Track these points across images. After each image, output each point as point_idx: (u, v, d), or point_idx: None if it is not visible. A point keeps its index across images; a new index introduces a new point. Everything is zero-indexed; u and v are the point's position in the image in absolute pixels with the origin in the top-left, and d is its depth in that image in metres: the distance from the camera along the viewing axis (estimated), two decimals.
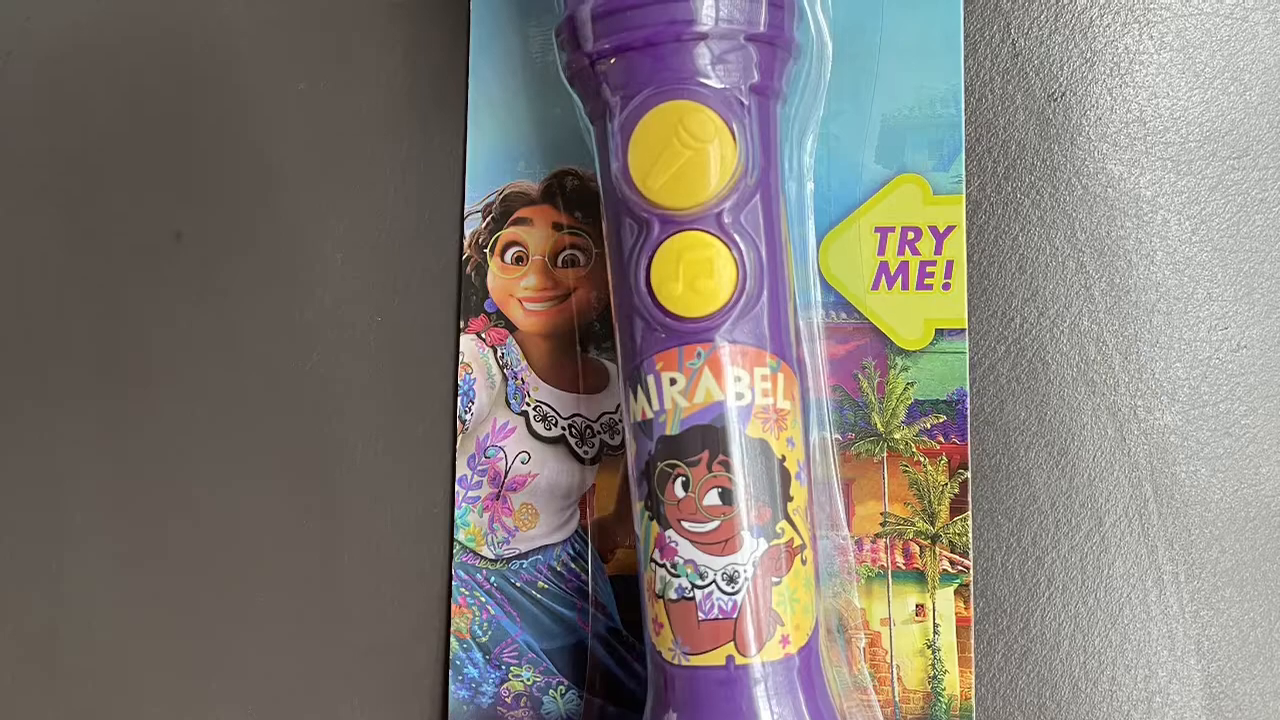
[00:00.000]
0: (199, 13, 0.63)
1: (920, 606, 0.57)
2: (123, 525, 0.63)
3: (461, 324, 0.61)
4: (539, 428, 0.60)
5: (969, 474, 0.57)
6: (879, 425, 0.57)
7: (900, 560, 0.57)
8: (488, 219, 0.60)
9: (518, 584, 0.60)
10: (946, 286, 0.57)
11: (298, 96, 0.63)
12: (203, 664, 0.62)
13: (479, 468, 0.60)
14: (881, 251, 0.57)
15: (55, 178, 0.64)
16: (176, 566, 0.62)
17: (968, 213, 0.58)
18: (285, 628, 0.62)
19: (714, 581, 0.52)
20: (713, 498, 0.52)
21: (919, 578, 0.57)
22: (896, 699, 0.57)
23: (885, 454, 0.57)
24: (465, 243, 0.61)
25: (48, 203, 0.64)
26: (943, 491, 0.57)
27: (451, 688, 0.60)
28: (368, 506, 0.61)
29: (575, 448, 0.60)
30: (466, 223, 0.61)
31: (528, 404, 0.60)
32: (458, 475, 0.60)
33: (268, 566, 0.62)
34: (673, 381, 0.53)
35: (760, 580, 0.52)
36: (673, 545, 0.53)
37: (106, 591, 0.63)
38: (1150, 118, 0.59)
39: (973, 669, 0.57)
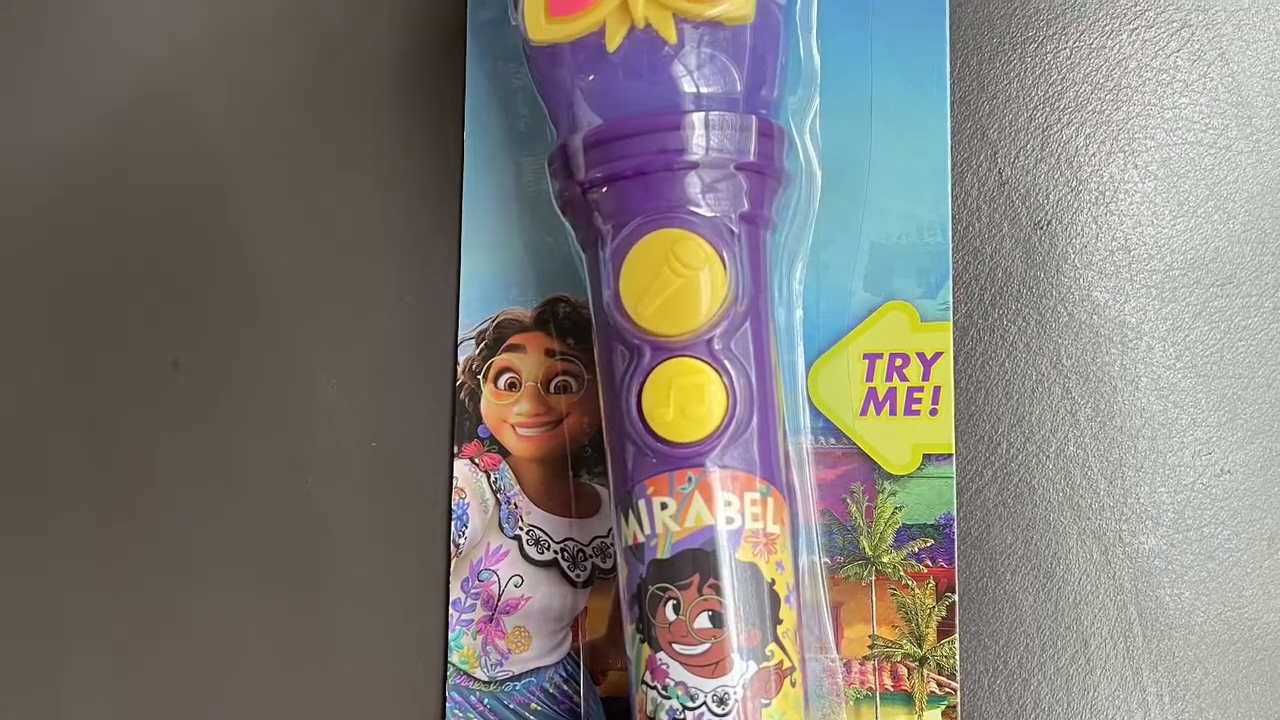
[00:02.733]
0: (194, 142, 0.64)
1: None
2: (120, 650, 0.63)
3: (455, 449, 0.61)
4: (532, 551, 0.60)
5: (956, 597, 0.57)
6: (867, 549, 0.58)
7: (888, 682, 0.57)
8: (481, 345, 0.61)
9: (511, 706, 0.60)
10: (934, 412, 0.57)
11: (293, 226, 0.63)
12: None
13: (472, 591, 0.60)
14: (870, 377, 0.58)
15: (51, 306, 0.64)
16: (173, 691, 0.62)
17: (955, 339, 0.58)
18: None
19: (704, 703, 0.52)
20: (703, 621, 0.52)
21: (907, 700, 0.57)
22: None
23: (874, 577, 0.58)
24: (459, 369, 0.61)
25: (44, 331, 0.64)
26: (930, 614, 0.57)
27: None
28: (362, 629, 0.62)
29: (567, 571, 0.60)
30: (460, 349, 0.61)
31: (521, 528, 0.60)
32: (451, 598, 0.61)
33: (264, 690, 0.62)
34: (664, 506, 0.53)
35: (750, 702, 0.52)
36: (664, 667, 0.53)
37: (104, 715, 0.63)
38: (1135, 245, 0.59)
39: None
